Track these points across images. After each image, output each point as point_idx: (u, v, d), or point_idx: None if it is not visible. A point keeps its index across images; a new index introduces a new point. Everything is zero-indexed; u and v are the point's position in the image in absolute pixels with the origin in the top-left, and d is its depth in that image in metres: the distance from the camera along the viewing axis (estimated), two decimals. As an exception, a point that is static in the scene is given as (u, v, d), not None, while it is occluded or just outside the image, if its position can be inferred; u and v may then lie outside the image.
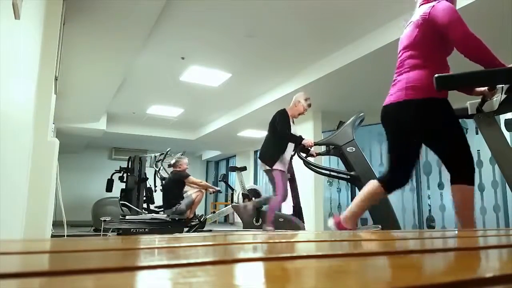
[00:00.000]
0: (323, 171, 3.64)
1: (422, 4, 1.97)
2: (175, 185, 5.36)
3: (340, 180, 5.48)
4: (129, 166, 7.07)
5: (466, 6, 3.16)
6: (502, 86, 1.86)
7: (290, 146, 3.95)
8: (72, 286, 0.33)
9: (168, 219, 5.18)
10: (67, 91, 5.59)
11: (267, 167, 3.89)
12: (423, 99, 1.85)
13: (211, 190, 5.61)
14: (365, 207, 2.17)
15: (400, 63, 2.00)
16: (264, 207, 4.35)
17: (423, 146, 2.02)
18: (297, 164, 4.12)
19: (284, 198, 3.96)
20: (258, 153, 4.13)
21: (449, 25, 1.78)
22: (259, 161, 4.07)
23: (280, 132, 3.84)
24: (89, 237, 4.09)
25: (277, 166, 3.86)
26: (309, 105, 4.06)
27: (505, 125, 4.36)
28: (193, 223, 5.26)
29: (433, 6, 1.85)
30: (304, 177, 5.14)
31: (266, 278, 0.40)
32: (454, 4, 1.94)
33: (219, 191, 5.79)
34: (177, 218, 5.17)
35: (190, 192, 5.41)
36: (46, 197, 2.39)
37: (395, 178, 2.04)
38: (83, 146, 10.16)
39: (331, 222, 2.21)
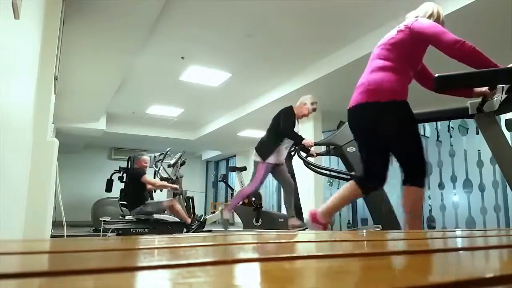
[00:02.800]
0: (323, 171, 3.65)
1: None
2: (133, 184, 5.18)
3: (340, 180, 5.48)
4: (129, 166, 7.06)
5: (466, 6, 3.16)
6: (503, 86, 1.86)
7: (288, 141, 3.99)
8: (72, 286, 0.33)
9: (133, 219, 5.08)
10: (66, 91, 5.58)
11: (258, 159, 3.94)
12: (383, 102, 1.89)
13: (168, 188, 5.47)
14: (342, 205, 2.22)
15: (369, 62, 2.06)
16: (264, 208, 4.37)
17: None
18: (297, 164, 4.12)
19: (255, 191, 4.13)
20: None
21: (438, 34, 1.86)
22: (254, 150, 4.12)
23: (283, 129, 3.87)
24: (88, 237, 4.09)
25: (270, 159, 3.95)
26: (314, 109, 4.10)
27: (505, 125, 4.37)
28: (192, 226, 5.24)
29: (417, 19, 1.98)
30: (304, 177, 5.14)
31: (266, 279, 0.40)
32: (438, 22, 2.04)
33: (176, 189, 5.65)
34: (143, 218, 5.07)
35: (162, 200, 5.26)
36: (46, 197, 2.39)
37: (368, 179, 2.07)
38: (82, 146, 10.15)
39: (307, 215, 2.25)
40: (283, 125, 3.86)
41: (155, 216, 5.33)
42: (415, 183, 1.95)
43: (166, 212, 5.31)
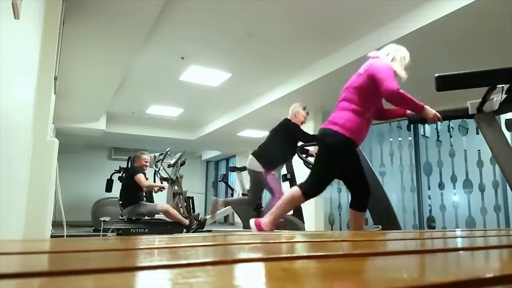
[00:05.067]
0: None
1: (370, 58, 2.39)
2: (128, 183, 5.12)
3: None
4: (129, 166, 7.06)
5: (466, 6, 3.16)
6: (502, 86, 1.86)
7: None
8: (72, 286, 0.33)
9: (124, 218, 5.05)
10: (67, 91, 5.58)
11: (261, 170, 3.93)
12: (339, 134, 2.27)
13: (155, 189, 5.38)
14: (286, 210, 2.49)
15: (338, 100, 2.41)
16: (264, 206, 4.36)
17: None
18: (297, 164, 4.12)
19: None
20: (254, 151, 4.10)
21: (383, 80, 2.18)
22: (252, 159, 4.03)
23: (307, 140, 3.87)
24: (88, 237, 4.09)
25: (274, 171, 4.02)
26: (307, 113, 4.17)
27: (505, 125, 4.37)
28: (192, 226, 5.23)
29: (373, 62, 2.30)
30: (304, 177, 5.14)
31: (266, 279, 0.40)
32: (395, 62, 2.36)
33: (163, 188, 5.59)
34: (134, 218, 5.03)
35: (157, 204, 5.22)
36: (46, 197, 2.39)
37: (313, 188, 2.43)
38: (82, 146, 10.15)
39: (252, 223, 2.47)
40: (304, 138, 3.88)
41: (156, 216, 5.33)
42: (358, 209, 2.42)
43: (160, 214, 5.29)
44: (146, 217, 5.17)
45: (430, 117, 2.23)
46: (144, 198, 5.38)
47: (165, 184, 5.63)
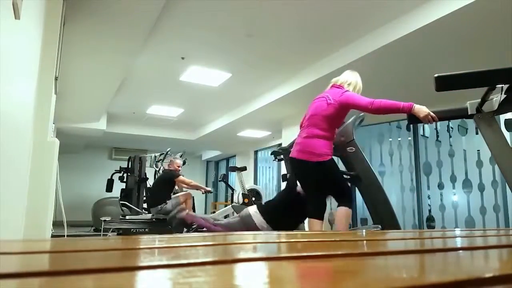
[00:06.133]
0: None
1: (335, 87, 2.79)
2: (165, 184, 5.29)
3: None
4: (129, 166, 7.07)
5: (466, 6, 3.15)
6: (502, 86, 1.86)
7: None
8: (72, 286, 0.33)
9: (152, 218, 5.11)
10: (67, 91, 5.58)
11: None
12: (317, 162, 2.63)
13: (202, 190, 5.56)
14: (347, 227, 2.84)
15: (306, 125, 2.74)
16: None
17: None
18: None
19: None
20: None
21: (357, 102, 2.56)
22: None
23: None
24: (89, 237, 4.09)
25: None
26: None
27: (505, 125, 4.37)
28: (193, 225, 5.23)
29: (345, 92, 2.67)
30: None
31: (266, 278, 0.40)
32: (355, 90, 2.81)
33: (210, 191, 5.72)
34: (161, 218, 5.10)
35: (178, 194, 5.33)
36: (46, 197, 2.39)
37: (351, 198, 2.87)
38: (83, 146, 10.15)
39: None
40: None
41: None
42: (346, 205, 2.76)
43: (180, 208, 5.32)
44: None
45: (422, 116, 2.29)
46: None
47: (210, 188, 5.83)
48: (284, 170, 4.66)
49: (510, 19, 3.29)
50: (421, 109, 2.32)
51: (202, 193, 5.79)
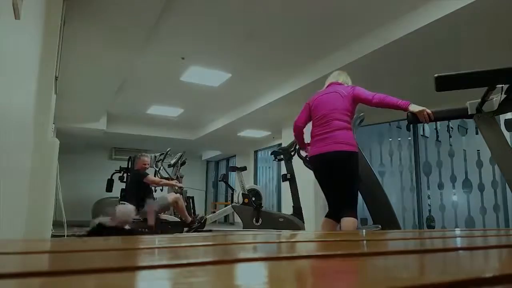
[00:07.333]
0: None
1: (337, 84, 2.82)
2: (135, 186, 5.05)
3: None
4: (129, 166, 7.06)
5: (466, 6, 3.15)
6: (502, 86, 1.86)
7: None
8: (73, 286, 0.33)
9: (141, 219, 5.01)
10: (67, 91, 5.58)
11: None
12: (355, 152, 2.62)
13: (175, 187, 5.36)
14: None
15: (326, 120, 2.68)
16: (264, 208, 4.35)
17: None
18: (297, 164, 4.13)
19: None
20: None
21: (365, 96, 2.65)
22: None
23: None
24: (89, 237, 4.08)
25: None
26: None
27: (505, 125, 4.37)
28: (193, 225, 5.22)
29: (355, 87, 2.74)
30: (304, 177, 5.14)
31: (266, 278, 0.40)
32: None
33: (182, 187, 5.53)
34: (142, 219, 5.00)
35: (166, 195, 5.13)
36: (46, 197, 2.39)
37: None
38: (83, 146, 10.15)
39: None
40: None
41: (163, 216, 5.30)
42: (353, 215, 2.65)
43: (169, 209, 5.24)
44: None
45: (417, 111, 2.37)
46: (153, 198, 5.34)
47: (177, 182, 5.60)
48: (284, 170, 4.65)
49: (510, 19, 3.29)
50: (418, 107, 2.40)
51: (175, 191, 5.51)
